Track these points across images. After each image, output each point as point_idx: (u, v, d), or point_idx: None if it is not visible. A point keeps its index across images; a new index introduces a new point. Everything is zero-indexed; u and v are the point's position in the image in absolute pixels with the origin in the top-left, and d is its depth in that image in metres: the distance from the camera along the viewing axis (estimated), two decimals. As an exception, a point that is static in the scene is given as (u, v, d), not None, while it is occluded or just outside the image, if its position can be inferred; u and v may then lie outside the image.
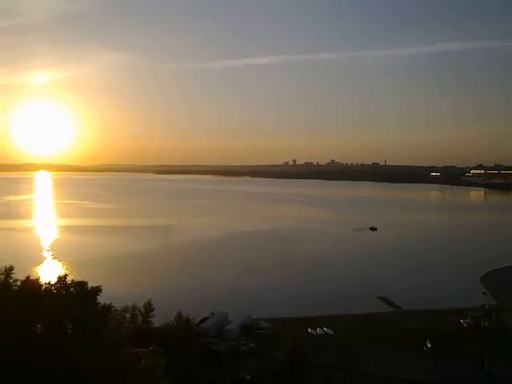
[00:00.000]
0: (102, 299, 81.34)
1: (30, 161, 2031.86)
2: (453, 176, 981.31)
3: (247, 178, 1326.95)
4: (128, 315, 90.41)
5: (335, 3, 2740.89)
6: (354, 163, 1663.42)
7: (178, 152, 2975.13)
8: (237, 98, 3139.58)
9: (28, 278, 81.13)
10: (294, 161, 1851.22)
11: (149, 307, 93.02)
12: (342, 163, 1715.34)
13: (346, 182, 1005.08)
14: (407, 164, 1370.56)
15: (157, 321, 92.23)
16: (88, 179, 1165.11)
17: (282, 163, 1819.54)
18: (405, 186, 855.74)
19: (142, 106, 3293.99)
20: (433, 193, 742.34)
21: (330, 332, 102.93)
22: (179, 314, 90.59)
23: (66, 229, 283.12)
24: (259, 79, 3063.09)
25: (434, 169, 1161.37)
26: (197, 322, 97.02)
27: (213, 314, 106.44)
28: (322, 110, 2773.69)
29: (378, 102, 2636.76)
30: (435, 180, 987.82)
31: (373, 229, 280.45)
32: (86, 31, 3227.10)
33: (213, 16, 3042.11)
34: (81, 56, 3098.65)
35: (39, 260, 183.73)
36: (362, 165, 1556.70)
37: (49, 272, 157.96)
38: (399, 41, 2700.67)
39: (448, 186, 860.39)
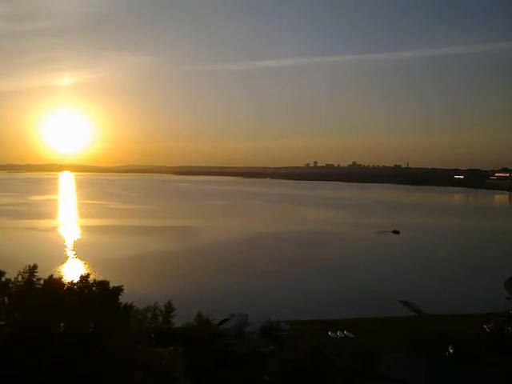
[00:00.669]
0: (123, 299, 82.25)
1: (54, 161, 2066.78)
2: (477, 179, 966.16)
3: (268, 179, 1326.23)
4: (149, 315, 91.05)
5: (351, 4, 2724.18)
6: (376, 165, 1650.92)
7: (199, 153, 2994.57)
8: (255, 100, 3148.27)
9: (51, 276, 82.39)
10: (315, 163, 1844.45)
11: (169, 307, 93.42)
12: (364, 165, 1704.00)
13: (367, 184, 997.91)
14: (430, 166, 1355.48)
15: (177, 321, 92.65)
16: (110, 180, 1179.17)
17: (304, 165, 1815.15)
18: (427, 188, 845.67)
19: (162, 107, 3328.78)
20: (456, 196, 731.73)
21: (351, 335, 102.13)
22: (199, 315, 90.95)
23: (89, 229, 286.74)
24: (277, 81, 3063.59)
25: (458, 171, 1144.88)
26: (217, 323, 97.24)
27: (233, 315, 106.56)
28: (342, 111, 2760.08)
29: (400, 103, 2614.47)
30: (459, 183, 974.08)
31: (395, 232, 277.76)
32: (108, 34, 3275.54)
33: (228, 17, 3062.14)
34: (102, 58, 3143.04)
35: (62, 259, 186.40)
36: (384, 167, 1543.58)
37: (71, 271, 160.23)
38: (420, 41, 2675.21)
39: (472, 188, 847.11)
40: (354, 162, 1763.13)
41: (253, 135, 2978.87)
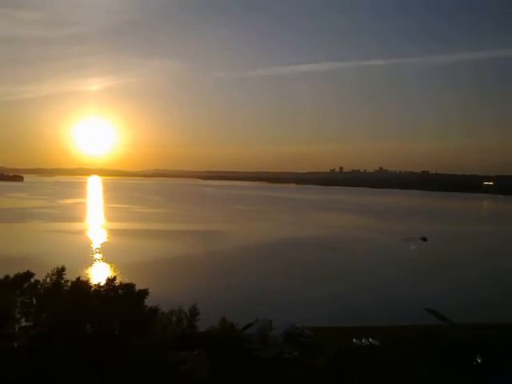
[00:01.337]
0: (148, 302, 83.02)
1: (83, 165, 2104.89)
2: (507, 185, 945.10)
3: (293, 184, 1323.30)
4: (174, 318, 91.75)
5: (383, 10, 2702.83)
6: (403, 171, 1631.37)
7: (224, 158, 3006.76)
8: (282, 105, 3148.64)
9: (78, 279, 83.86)
10: (341, 168, 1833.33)
11: (194, 311, 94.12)
12: (390, 171, 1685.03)
13: (394, 190, 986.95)
14: (459, 173, 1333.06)
15: (201, 325, 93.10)
16: (138, 184, 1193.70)
17: (329, 170, 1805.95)
18: (456, 195, 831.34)
19: (189, 112, 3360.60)
20: (485, 203, 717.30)
21: (376, 343, 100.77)
22: (223, 320, 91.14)
23: (115, 232, 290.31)
24: (304, 86, 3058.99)
25: (488, 178, 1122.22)
26: (241, 327, 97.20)
27: (257, 320, 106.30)
28: (370, 116, 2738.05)
29: (429, 108, 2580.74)
30: (488, 189, 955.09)
31: (423, 239, 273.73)
32: (138, 40, 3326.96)
33: (260, 24, 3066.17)
34: (133, 64, 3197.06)
35: (89, 262, 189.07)
36: (411, 173, 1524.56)
37: (98, 274, 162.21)
38: (451, 47, 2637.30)
39: (501, 195, 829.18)
40: (380, 168, 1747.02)
41: (278, 140, 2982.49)
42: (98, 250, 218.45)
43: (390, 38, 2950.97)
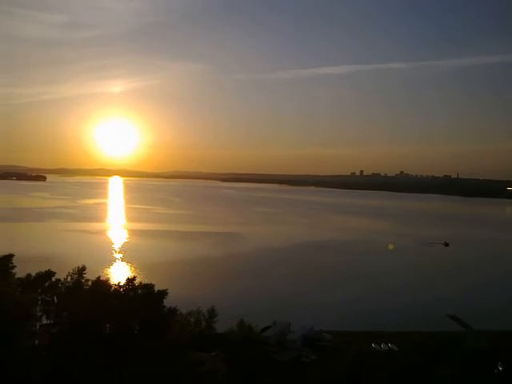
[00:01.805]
0: (167, 302, 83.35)
1: (105, 166, 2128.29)
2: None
3: (313, 187, 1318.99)
4: (192, 319, 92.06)
5: (403, 13, 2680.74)
6: (425, 175, 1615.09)
7: (245, 160, 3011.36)
8: (302, 108, 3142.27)
9: (99, 278, 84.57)
10: (361, 171, 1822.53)
11: (212, 313, 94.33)
12: (412, 175, 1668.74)
13: (415, 194, 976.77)
14: (481, 177, 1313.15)
15: (219, 326, 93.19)
16: (159, 185, 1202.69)
17: (349, 174, 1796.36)
18: (478, 200, 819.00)
19: (210, 115, 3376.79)
20: (508, 209, 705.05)
21: (395, 348, 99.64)
22: (242, 322, 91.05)
23: (136, 232, 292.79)
24: (325, 89, 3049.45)
25: (510, 183, 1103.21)
26: (258, 330, 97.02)
27: (275, 322, 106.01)
28: (391, 120, 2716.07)
29: (452, 112, 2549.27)
30: (511, 195, 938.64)
31: (445, 244, 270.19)
32: (161, 42, 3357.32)
33: (279, 26, 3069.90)
34: (154, 66, 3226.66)
35: (109, 261, 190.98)
36: (433, 177, 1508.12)
37: (118, 273, 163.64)
38: (471, 50, 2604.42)
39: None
40: (401, 172, 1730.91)
41: (299, 143, 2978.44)
42: (118, 250, 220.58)
43: (408, 41, 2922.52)
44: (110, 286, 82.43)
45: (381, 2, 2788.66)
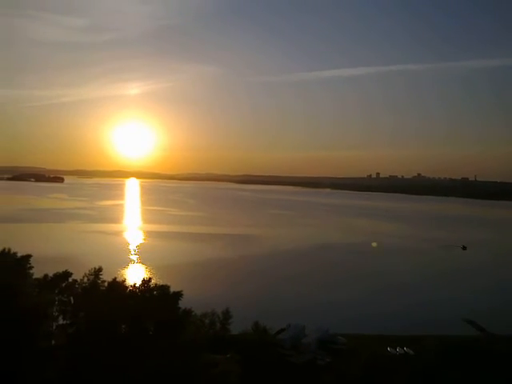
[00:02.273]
0: (182, 304, 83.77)
1: (121, 168, 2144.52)
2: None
3: (328, 190, 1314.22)
4: (207, 321, 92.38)
5: (419, 13, 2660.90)
6: (442, 177, 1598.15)
7: (259, 162, 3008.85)
8: (316, 110, 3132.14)
9: (115, 279, 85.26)
10: (378, 174, 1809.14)
11: (227, 314, 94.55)
12: (429, 177, 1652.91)
13: (432, 197, 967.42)
14: (499, 180, 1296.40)
15: (234, 328, 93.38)
16: (173, 187, 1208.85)
17: (365, 176, 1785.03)
18: (496, 203, 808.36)
19: (224, 117, 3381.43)
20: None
21: (411, 352, 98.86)
22: (256, 324, 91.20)
23: (152, 234, 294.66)
24: (340, 91, 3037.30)
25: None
26: (273, 332, 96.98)
27: (289, 325, 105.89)
28: (407, 122, 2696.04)
29: (468, 113, 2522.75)
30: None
31: (463, 248, 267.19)
32: (176, 45, 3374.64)
33: (291, 29, 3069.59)
34: (168, 69, 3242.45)
35: (125, 263, 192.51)
36: (450, 179, 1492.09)
37: (134, 275, 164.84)
38: (489, 51, 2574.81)
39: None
40: (418, 174, 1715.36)
41: (313, 145, 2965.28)
42: (134, 252, 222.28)
43: (427, 41, 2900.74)
44: (126, 287, 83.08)
45: (380, 5, 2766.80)
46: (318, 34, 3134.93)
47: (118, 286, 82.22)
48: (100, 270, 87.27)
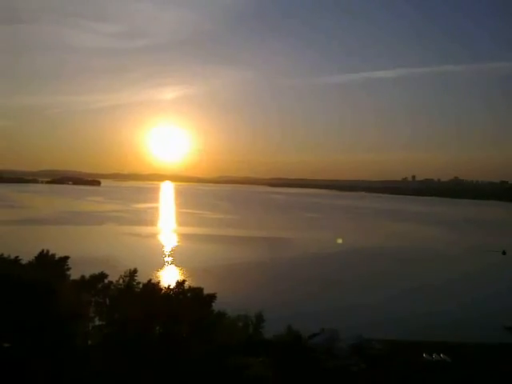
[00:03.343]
0: (215, 306, 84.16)
1: (156, 171, 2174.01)
2: None
3: (363, 193, 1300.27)
4: (240, 324, 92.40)
5: (457, 14, 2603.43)
6: (480, 181, 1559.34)
7: (293, 165, 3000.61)
8: (351, 112, 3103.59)
9: (149, 281, 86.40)
10: (414, 177, 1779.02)
11: (260, 318, 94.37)
12: (467, 180, 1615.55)
13: (470, 200, 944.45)
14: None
15: (267, 332, 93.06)
16: (208, 190, 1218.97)
17: (401, 179, 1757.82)
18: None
19: (259, 120, 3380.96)
20: None
21: (448, 359, 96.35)
22: (289, 328, 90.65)
23: (186, 236, 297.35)
24: (377, 93, 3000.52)
25: None
26: (307, 336, 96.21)
27: (323, 330, 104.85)
28: (445, 123, 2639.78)
29: (509, 115, 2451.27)
30: None
31: (503, 253, 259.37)
32: (207, 50, 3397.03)
33: (326, 31, 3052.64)
34: (205, 73, 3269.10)
35: (160, 265, 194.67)
36: (490, 183, 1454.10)
37: (168, 277, 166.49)
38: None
39: None
40: (455, 177, 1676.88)
41: (348, 148, 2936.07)
42: (168, 254, 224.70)
43: (467, 42, 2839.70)
44: (160, 288, 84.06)
45: (414, 5, 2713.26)
46: (358, 34, 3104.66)
47: (152, 287, 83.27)
48: (135, 271, 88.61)
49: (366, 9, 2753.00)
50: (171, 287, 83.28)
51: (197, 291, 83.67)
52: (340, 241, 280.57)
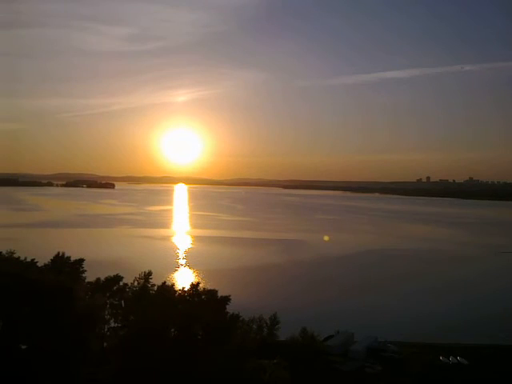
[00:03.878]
0: (230, 308, 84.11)
1: (170, 174, 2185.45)
2: None
3: (377, 194, 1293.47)
4: (254, 326, 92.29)
5: (472, 14, 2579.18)
6: (496, 181, 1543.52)
7: (308, 167, 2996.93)
8: (364, 114, 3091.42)
9: (164, 283, 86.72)
10: (428, 178, 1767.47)
11: (274, 320, 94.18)
12: (482, 181, 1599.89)
13: (486, 201, 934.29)
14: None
15: (281, 334, 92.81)
16: (222, 192, 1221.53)
17: (415, 180, 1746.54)
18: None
19: (273, 122, 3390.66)
20: None
21: (465, 362, 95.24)
22: (304, 330, 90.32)
23: (200, 239, 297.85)
24: (390, 93, 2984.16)
25: None
26: (321, 339, 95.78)
27: (338, 332, 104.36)
28: (460, 124, 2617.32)
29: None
30: None
31: None
32: (219, 53, 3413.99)
33: (340, 32, 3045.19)
34: (217, 75, 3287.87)
35: (175, 267, 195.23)
36: (505, 183, 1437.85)
37: (183, 279, 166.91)
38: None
39: None
40: (470, 178, 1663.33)
41: (361, 149, 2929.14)
42: (182, 256, 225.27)
43: (483, 41, 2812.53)
44: (175, 291, 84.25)
45: (429, 7, 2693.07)
46: (371, 35, 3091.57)
47: (167, 290, 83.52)
48: (150, 274, 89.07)
49: (378, 10, 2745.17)
50: (186, 289, 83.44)
51: (211, 293, 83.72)
52: (327, 238, 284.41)
